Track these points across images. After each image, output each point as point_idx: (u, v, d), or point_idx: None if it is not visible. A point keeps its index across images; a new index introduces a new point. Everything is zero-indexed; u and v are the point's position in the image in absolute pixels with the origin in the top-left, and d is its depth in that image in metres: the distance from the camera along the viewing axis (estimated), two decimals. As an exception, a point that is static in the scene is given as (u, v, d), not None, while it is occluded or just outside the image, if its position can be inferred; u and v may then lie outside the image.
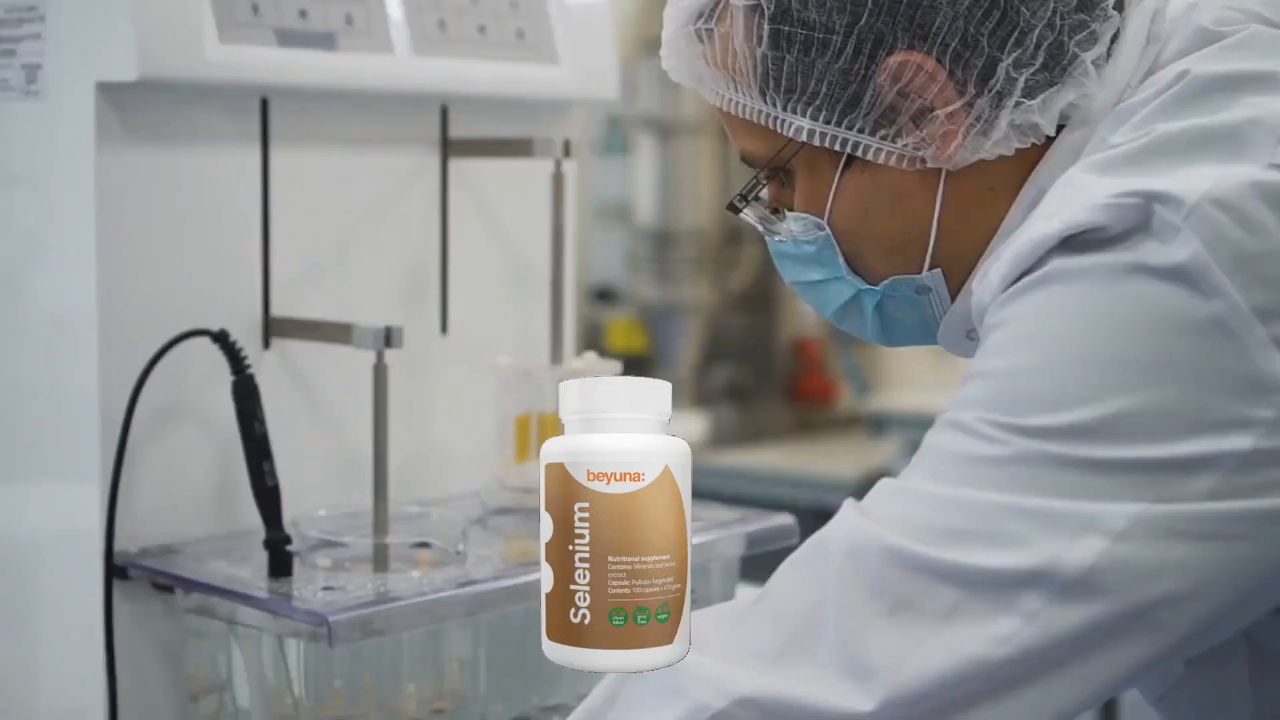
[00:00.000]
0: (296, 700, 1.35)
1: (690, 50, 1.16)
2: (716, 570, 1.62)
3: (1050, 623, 0.94)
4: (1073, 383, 0.96)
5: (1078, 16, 1.09)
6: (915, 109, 1.10)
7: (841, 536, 1.00)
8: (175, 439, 1.46)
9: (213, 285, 1.48)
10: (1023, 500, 0.95)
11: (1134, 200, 0.98)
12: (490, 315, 1.68)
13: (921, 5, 1.08)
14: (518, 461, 1.60)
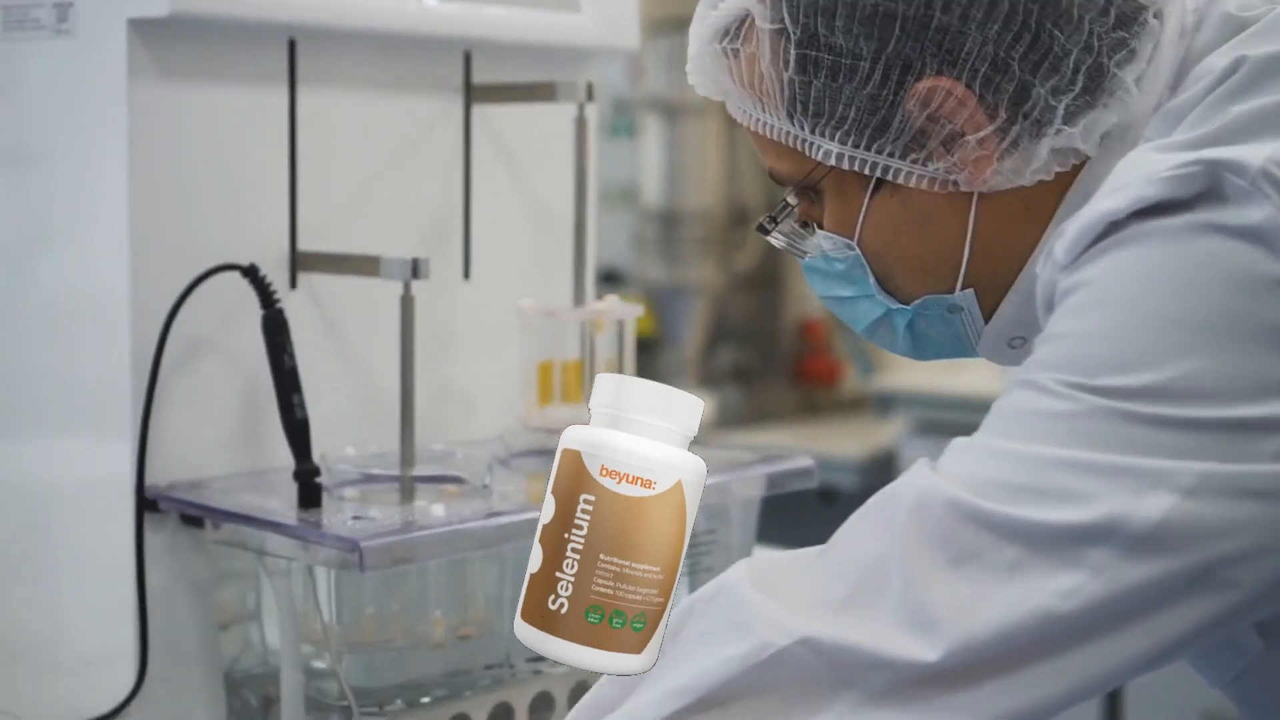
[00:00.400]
0: (326, 626, 1.37)
1: (716, 67, 1.15)
2: (735, 512, 1.64)
3: (1118, 577, 0.94)
4: (1143, 343, 0.96)
5: (1116, 35, 1.08)
6: (946, 134, 1.09)
7: (909, 490, 1.00)
8: (204, 375, 1.48)
9: (241, 223, 1.49)
10: (1092, 456, 0.95)
11: (1198, 168, 0.98)
12: (513, 260, 1.70)
13: (950, 30, 1.07)
14: (540, 405, 1.61)
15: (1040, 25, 1.07)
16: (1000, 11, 1.07)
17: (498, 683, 1.47)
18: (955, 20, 1.07)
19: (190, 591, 1.47)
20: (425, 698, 1.43)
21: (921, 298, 1.17)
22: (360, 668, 1.40)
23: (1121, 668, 0.97)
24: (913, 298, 1.17)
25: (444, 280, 1.64)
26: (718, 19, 1.13)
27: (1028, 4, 1.07)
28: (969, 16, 1.07)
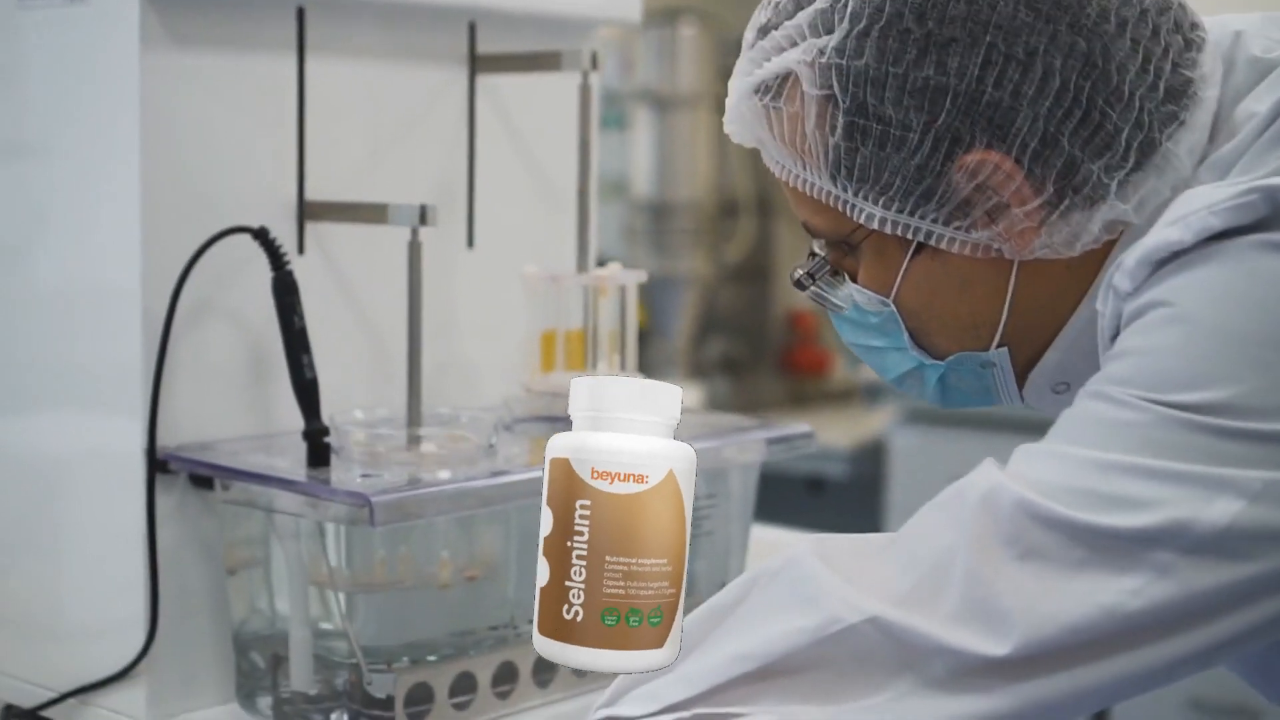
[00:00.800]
0: (334, 579, 1.39)
1: (755, 121, 1.15)
2: (735, 478, 1.67)
3: (1186, 580, 0.96)
4: (1211, 360, 0.98)
5: (1167, 109, 1.09)
6: (991, 204, 1.10)
7: (978, 486, 1.02)
8: (213, 339, 1.50)
9: (249, 189, 1.51)
10: (1159, 463, 0.97)
11: (1256, 196, 1.01)
12: (517, 229, 1.72)
13: (1001, 106, 1.07)
14: (544, 372, 1.63)
15: (1091, 102, 1.07)
16: (1051, 88, 1.07)
17: (502, 642, 1.49)
18: (1007, 96, 1.07)
19: (199, 553, 1.48)
20: (431, 655, 1.44)
21: (955, 354, 1.18)
22: (368, 627, 1.42)
23: (1183, 666, 0.99)
24: (946, 354, 1.18)
25: (448, 249, 1.67)
26: (761, 76, 1.13)
27: (1079, 80, 1.07)
28: (1020, 93, 1.07)
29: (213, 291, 1.48)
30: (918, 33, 1.07)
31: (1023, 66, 1.07)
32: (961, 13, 1.07)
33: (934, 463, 3.35)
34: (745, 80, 1.14)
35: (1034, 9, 1.07)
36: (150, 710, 1.47)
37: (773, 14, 1.14)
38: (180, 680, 1.48)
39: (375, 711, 1.40)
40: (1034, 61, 1.07)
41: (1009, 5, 1.07)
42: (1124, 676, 0.98)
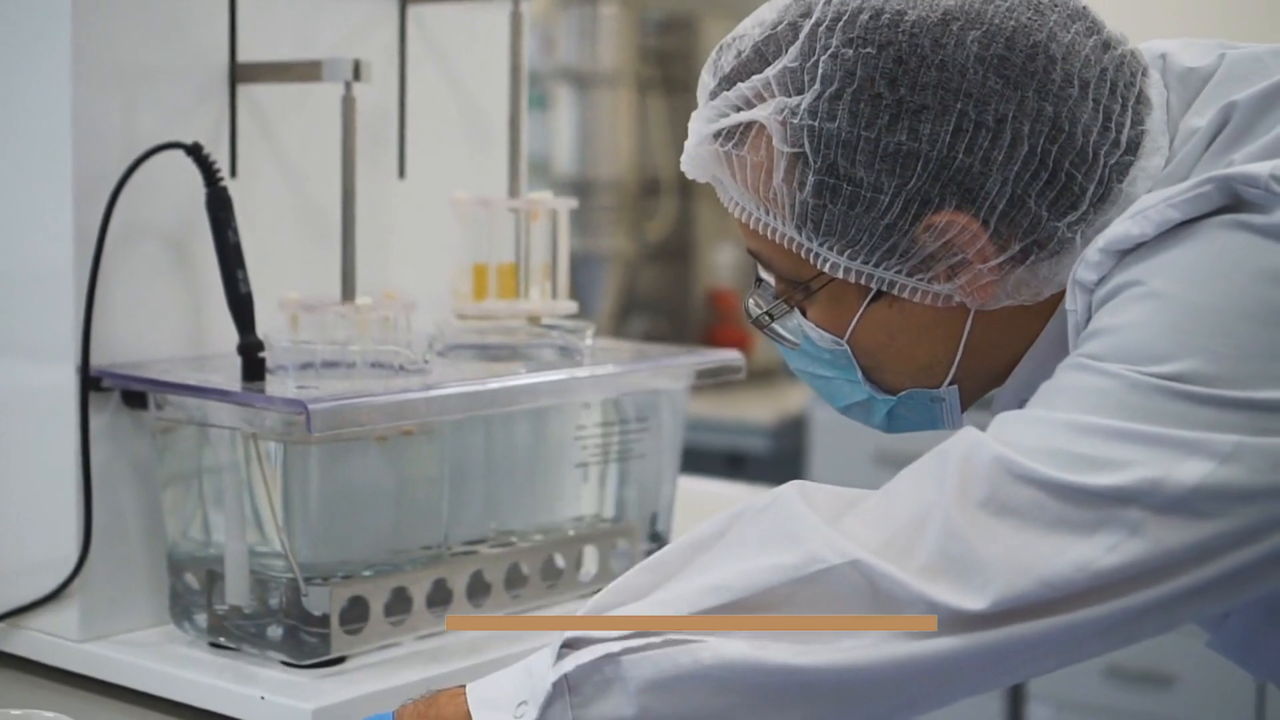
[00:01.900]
0: (270, 492, 1.39)
1: (715, 164, 1.17)
2: (665, 402, 1.68)
3: (1156, 537, 0.99)
4: (1181, 332, 1.01)
5: (1126, 159, 1.13)
6: (955, 261, 1.13)
7: (958, 446, 1.05)
8: (146, 257, 1.49)
9: (181, 115, 1.51)
10: (1131, 426, 1.00)
11: (1210, 186, 1.04)
12: (448, 159, 1.73)
13: (972, 171, 1.10)
14: (476, 300, 1.64)
15: (1058, 164, 1.11)
16: (1020, 153, 1.10)
17: (436, 560, 1.50)
18: (977, 162, 1.10)
19: (132, 475, 1.48)
20: (367, 571, 1.45)
21: (907, 390, 1.21)
22: (303, 544, 1.42)
23: (1149, 619, 1.02)
24: (898, 390, 1.21)
25: (380, 180, 1.67)
26: (725, 124, 1.15)
27: (1046, 145, 1.11)
28: (990, 159, 1.10)
29: (146, 208, 1.48)
30: (889, 98, 1.10)
31: (992, 133, 1.10)
32: (933, 80, 1.10)
33: (854, 438, 3.38)
34: (707, 125, 1.16)
35: (1003, 76, 1.10)
36: (83, 631, 1.46)
37: (736, 63, 1.16)
38: (113, 601, 1.48)
39: (312, 628, 1.40)
40: (1003, 128, 1.10)
41: (978, 73, 1.10)
42: (1091, 629, 1.01)
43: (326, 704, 1.33)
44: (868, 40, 1.11)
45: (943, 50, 1.10)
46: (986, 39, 1.11)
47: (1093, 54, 1.13)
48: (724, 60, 1.18)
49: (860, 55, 1.11)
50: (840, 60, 1.11)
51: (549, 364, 1.59)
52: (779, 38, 1.15)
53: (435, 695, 1.13)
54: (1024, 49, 1.11)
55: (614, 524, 1.67)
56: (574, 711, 1.06)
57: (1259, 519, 1.00)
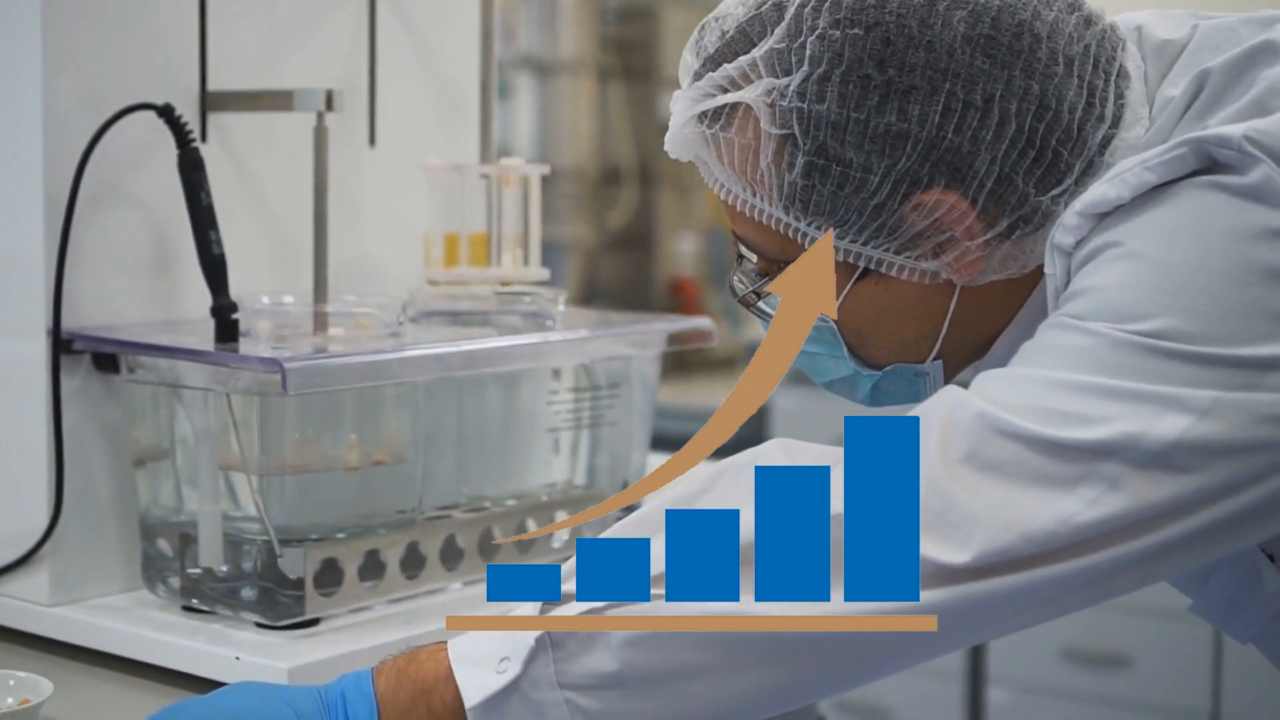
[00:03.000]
0: (243, 444, 1.39)
1: (699, 145, 1.17)
2: (635, 369, 1.69)
3: (1135, 491, 1.00)
4: (1161, 291, 1.02)
5: (1109, 133, 1.14)
6: (943, 238, 1.14)
7: (940, 404, 1.05)
8: (117, 222, 1.49)
9: (151, 70, 1.51)
10: (1111, 382, 1.01)
11: (1185, 148, 1.05)
12: (419, 128, 1.73)
13: (961, 151, 1.11)
14: (447, 266, 1.65)
15: (1045, 142, 1.12)
16: (1008, 132, 1.11)
17: (409, 524, 1.50)
18: (966, 141, 1.11)
19: (103, 439, 1.48)
20: (340, 534, 1.45)
21: (892, 365, 1.21)
22: (276, 507, 1.42)
23: (1126, 573, 1.03)
24: (883, 365, 1.21)
25: (351, 147, 1.67)
26: (710, 105, 1.15)
27: (1033, 123, 1.11)
28: (979, 138, 1.11)
29: (117, 174, 1.48)
30: (878, 79, 1.11)
31: (980, 112, 1.11)
32: (921, 61, 1.10)
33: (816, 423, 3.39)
34: (691, 106, 1.16)
35: (990, 56, 1.11)
36: (54, 595, 1.46)
37: (720, 43, 1.16)
38: (84, 565, 1.47)
39: (286, 590, 1.40)
40: (991, 107, 1.11)
41: (966, 53, 1.11)
42: (1071, 582, 1.02)
43: (302, 663, 1.32)
44: (855, 21, 1.11)
45: (930, 31, 1.11)
46: (973, 18, 1.11)
47: (1075, 30, 1.14)
48: (707, 40, 1.18)
49: (848, 36, 1.11)
50: (828, 41, 1.11)
51: (520, 329, 1.60)
52: (764, 18, 1.15)
53: (415, 652, 1.13)
54: (1010, 28, 1.12)
55: (586, 491, 1.68)
56: (556, 666, 1.06)
57: (1237, 474, 1.01)
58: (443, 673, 1.09)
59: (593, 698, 1.06)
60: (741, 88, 1.14)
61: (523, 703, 1.07)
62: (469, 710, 1.07)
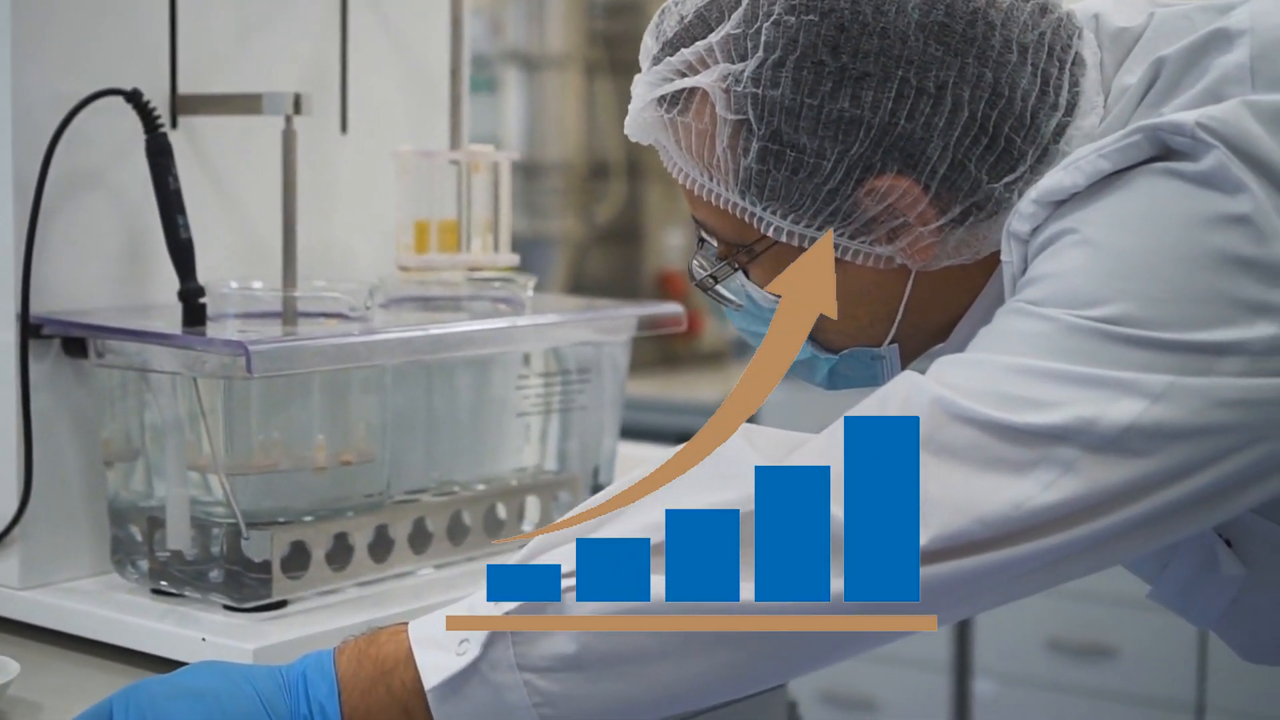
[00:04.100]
0: (211, 437, 1.40)
1: (658, 130, 1.18)
2: (606, 354, 1.70)
3: (1090, 475, 1.01)
4: (1115, 277, 1.03)
5: (1064, 121, 1.15)
6: (897, 224, 1.15)
7: (898, 389, 1.06)
8: (86, 208, 1.49)
9: (121, 60, 1.51)
10: (1066, 367, 1.02)
11: (1139, 136, 1.06)
12: (390, 114, 1.74)
13: (913, 137, 1.12)
14: (418, 253, 1.65)
15: (998, 129, 1.13)
16: (960, 119, 1.12)
17: (378, 507, 1.51)
18: (919, 128, 1.11)
19: (73, 423, 1.48)
20: (308, 517, 1.46)
21: (849, 349, 1.22)
22: (244, 493, 1.43)
23: (1081, 558, 1.04)
24: (840, 349, 1.22)
25: (322, 134, 1.68)
26: (668, 89, 1.16)
27: (986, 110, 1.12)
28: (931, 124, 1.12)
29: (84, 159, 1.48)
30: (832, 66, 1.11)
31: (933, 99, 1.11)
32: (874, 47, 1.11)
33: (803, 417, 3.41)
34: (650, 90, 1.17)
35: (943, 43, 1.12)
36: (24, 579, 1.47)
37: (678, 28, 1.17)
38: (54, 549, 1.48)
39: (253, 572, 1.41)
40: (944, 94, 1.11)
41: (919, 40, 1.11)
42: (1027, 565, 1.03)
43: (267, 644, 1.33)
44: (810, 7, 1.12)
45: (884, 17, 1.11)
46: (927, 6, 1.12)
47: (1030, 19, 1.15)
48: (666, 24, 1.19)
49: (803, 22, 1.12)
50: (783, 27, 1.12)
51: (490, 314, 1.61)
52: (721, 3, 1.16)
53: (376, 633, 1.14)
54: (964, 15, 1.12)
55: (556, 476, 1.69)
56: (515, 649, 1.07)
57: (1190, 458, 1.02)
58: (403, 654, 1.10)
59: (551, 680, 1.07)
60: (699, 72, 1.15)
61: (482, 684, 1.08)
62: (428, 691, 1.08)
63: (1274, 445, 1.03)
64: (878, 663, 3.34)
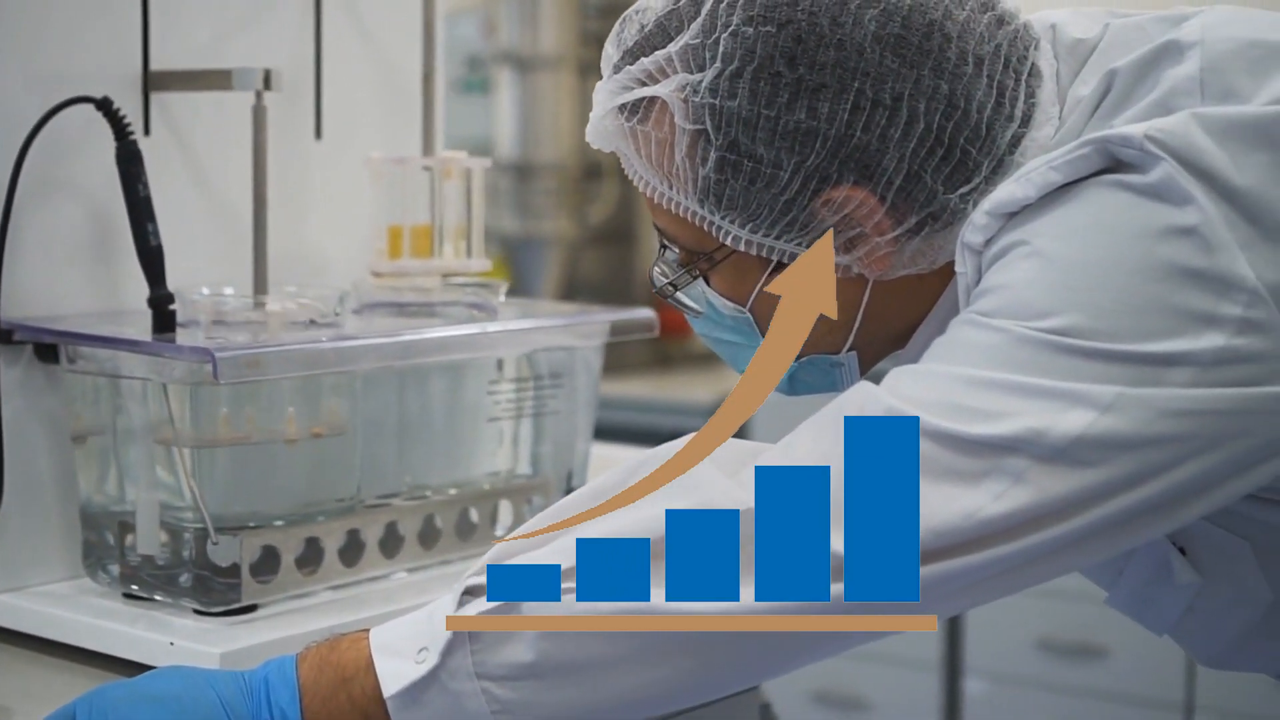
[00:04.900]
0: (178, 434, 1.40)
1: (619, 138, 1.19)
2: (579, 358, 1.71)
3: (1040, 485, 1.02)
4: (1065, 288, 1.04)
5: (1019, 132, 1.15)
6: (854, 234, 1.15)
7: (852, 399, 1.07)
8: (57, 213, 1.50)
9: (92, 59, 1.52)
10: (1018, 378, 1.03)
11: (1089, 148, 1.07)
12: (365, 121, 1.75)
13: (869, 149, 1.12)
14: (390, 259, 1.66)
15: (953, 140, 1.13)
16: (916, 131, 1.12)
17: (348, 511, 1.52)
18: (874, 139, 1.12)
19: (45, 428, 1.49)
20: (278, 521, 1.47)
21: (808, 356, 1.22)
22: (214, 489, 1.43)
23: (1033, 567, 1.05)
24: (800, 356, 1.22)
25: (296, 140, 1.69)
26: (628, 98, 1.16)
27: (941, 121, 1.13)
28: (887, 136, 1.12)
29: (56, 165, 1.49)
30: (789, 77, 1.12)
31: (889, 111, 1.12)
32: (831, 59, 1.12)
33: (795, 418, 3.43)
34: (610, 99, 1.18)
35: (899, 55, 1.12)
36: (-3, 583, 1.48)
37: (639, 37, 1.18)
38: (27, 553, 1.49)
39: (222, 577, 1.42)
40: (900, 106, 1.12)
41: (875, 52, 1.12)
42: (977, 575, 1.03)
43: (234, 648, 1.34)
44: (768, 18, 1.13)
45: (841, 29, 1.12)
46: (884, 18, 1.13)
47: (987, 30, 1.15)
48: (627, 33, 1.19)
49: (760, 34, 1.12)
50: (741, 38, 1.13)
51: (463, 319, 1.61)
52: (681, 12, 1.16)
53: (338, 639, 1.14)
54: (920, 27, 1.13)
55: (530, 480, 1.70)
56: (474, 657, 1.08)
57: (1139, 468, 1.02)
58: (363, 661, 1.11)
59: (509, 688, 1.08)
60: (658, 82, 1.16)
61: (441, 693, 1.09)
62: (387, 699, 1.09)
63: (1223, 455, 1.03)
64: (868, 662, 3.35)
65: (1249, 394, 1.02)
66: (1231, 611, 1.21)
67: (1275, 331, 1.03)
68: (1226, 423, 1.03)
